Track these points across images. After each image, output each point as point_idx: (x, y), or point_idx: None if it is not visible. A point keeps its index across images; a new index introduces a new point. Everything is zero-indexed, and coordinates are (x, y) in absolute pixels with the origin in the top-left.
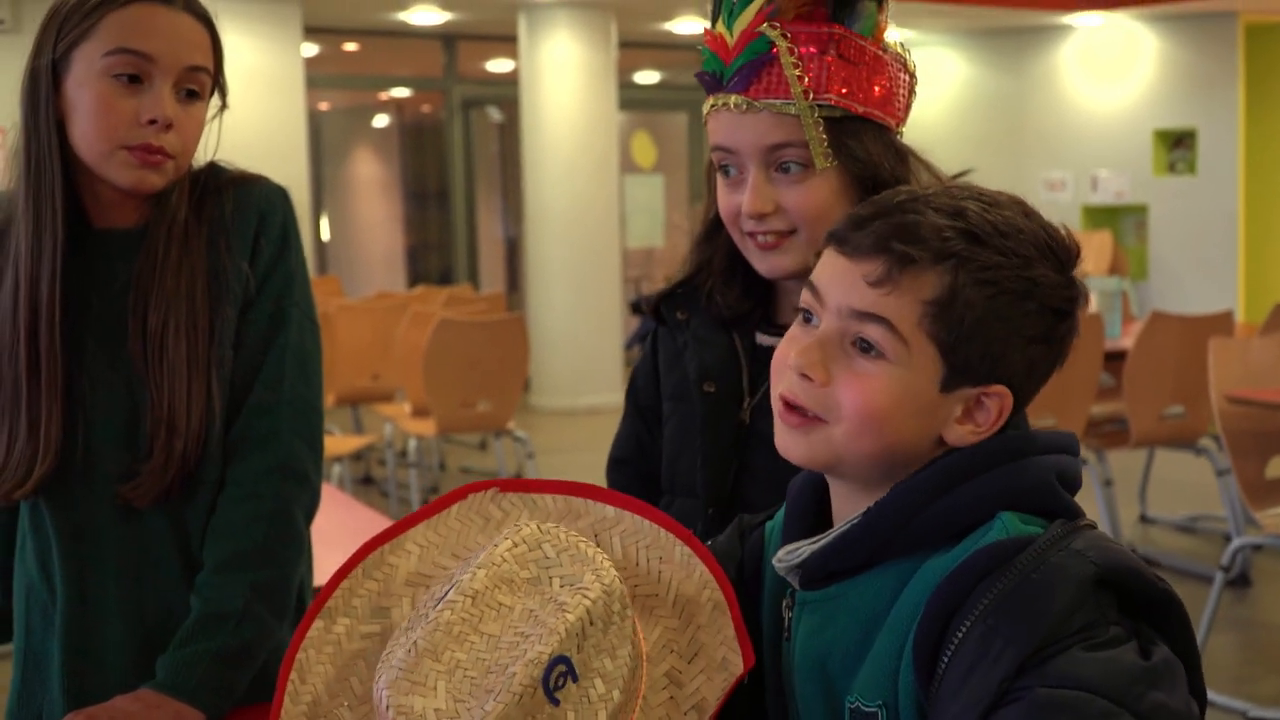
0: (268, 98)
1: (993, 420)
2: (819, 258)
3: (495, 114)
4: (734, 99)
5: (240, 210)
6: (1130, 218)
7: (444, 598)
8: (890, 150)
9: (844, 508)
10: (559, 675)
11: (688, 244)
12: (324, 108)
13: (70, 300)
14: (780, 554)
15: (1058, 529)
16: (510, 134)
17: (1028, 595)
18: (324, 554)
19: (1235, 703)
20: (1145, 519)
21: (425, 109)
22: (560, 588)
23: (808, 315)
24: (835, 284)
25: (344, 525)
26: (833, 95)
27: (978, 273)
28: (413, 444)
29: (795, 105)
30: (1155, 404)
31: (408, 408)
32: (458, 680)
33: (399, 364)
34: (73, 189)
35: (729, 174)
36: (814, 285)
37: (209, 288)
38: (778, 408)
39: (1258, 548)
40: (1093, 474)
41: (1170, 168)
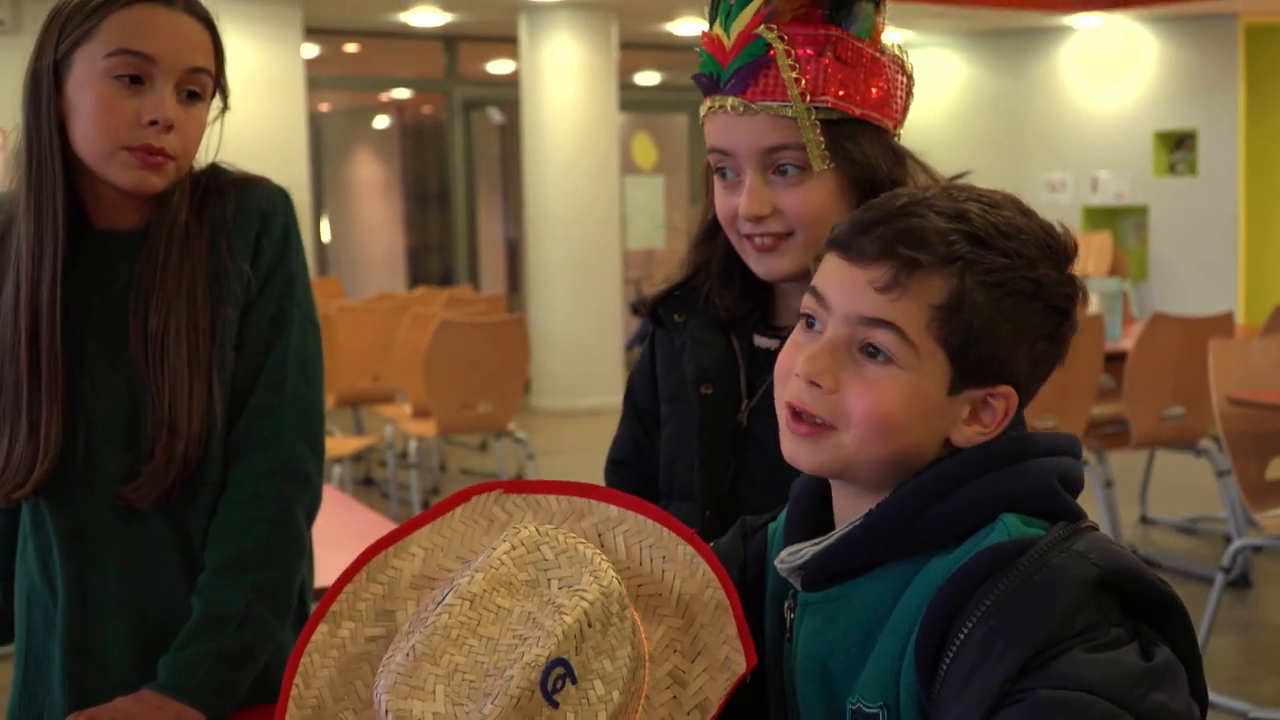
0: (268, 99)
1: (999, 420)
2: (819, 262)
3: (496, 115)
4: (731, 101)
5: (242, 211)
6: (1130, 219)
7: (443, 601)
8: (888, 152)
9: (846, 509)
10: (557, 678)
11: (687, 245)
12: (325, 109)
13: (71, 301)
14: (782, 555)
15: (1059, 531)
16: (511, 135)
17: (1029, 597)
18: (325, 555)
19: (1236, 704)
20: (1146, 520)
21: (426, 110)
22: (558, 590)
23: (810, 321)
24: (841, 290)
25: (345, 526)
26: (830, 97)
27: (984, 275)
28: (413, 445)
29: (792, 107)
30: (1156, 405)
31: (408, 409)
32: (456, 684)
33: (399, 365)
34: (74, 190)
35: (726, 176)
36: (818, 291)
37: (210, 289)
38: (785, 415)
39: (1258, 549)
40: (1093, 475)
41: (1170, 169)
